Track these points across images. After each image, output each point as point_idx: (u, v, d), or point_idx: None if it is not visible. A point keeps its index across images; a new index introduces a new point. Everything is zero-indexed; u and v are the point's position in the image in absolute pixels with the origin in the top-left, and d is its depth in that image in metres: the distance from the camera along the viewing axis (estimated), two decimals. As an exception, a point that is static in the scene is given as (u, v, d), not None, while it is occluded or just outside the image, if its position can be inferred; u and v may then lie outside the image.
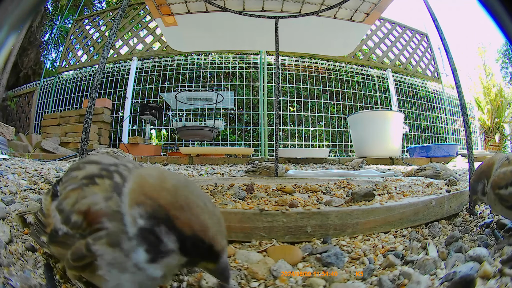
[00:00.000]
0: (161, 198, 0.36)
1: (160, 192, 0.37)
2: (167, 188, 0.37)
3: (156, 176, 0.39)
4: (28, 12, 0.33)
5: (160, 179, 0.39)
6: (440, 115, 7.00)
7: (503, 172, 0.68)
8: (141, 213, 0.36)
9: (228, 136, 6.09)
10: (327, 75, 6.29)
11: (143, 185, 0.38)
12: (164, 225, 0.35)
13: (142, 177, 0.40)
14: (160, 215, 0.35)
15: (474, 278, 0.51)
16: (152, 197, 0.36)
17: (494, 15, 0.35)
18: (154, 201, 0.36)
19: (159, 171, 0.41)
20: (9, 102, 7.29)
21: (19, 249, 0.63)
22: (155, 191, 0.37)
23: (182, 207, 0.36)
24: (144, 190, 0.37)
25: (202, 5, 2.09)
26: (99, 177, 0.41)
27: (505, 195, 0.66)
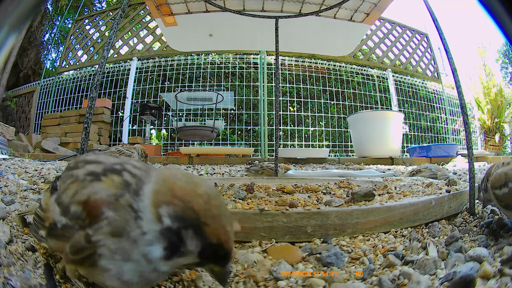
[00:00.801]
0: (194, 203, 0.37)
1: (194, 197, 0.38)
2: (201, 195, 0.38)
3: (186, 180, 0.40)
4: (28, 12, 0.33)
5: (193, 184, 0.40)
6: (440, 115, 7.00)
7: (498, 174, 0.73)
8: (169, 213, 0.37)
9: (228, 136, 6.09)
10: (327, 75, 6.29)
11: (173, 187, 0.39)
12: (192, 229, 0.37)
13: (169, 179, 0.40)
14: (190, 218, 0.37)
15: (474, 278, 0.51)
16: (185, 200, 0.37)
17: (494, 15, 0.35)
18: (187, 205, 0.37)
19: (187, 175, 0.42)
20: (9, 102, 7.29)
21: (19, 249, 0.63)
22: (188, 195, 0.38)
23: (214, 216, 0.37)
24: (175, 192, 0.38)
25: (202, 5, 2.09)
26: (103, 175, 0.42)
27: (499, 195, 0.71)
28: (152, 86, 5.98)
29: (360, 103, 6.27)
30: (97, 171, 0.43)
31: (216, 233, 0.37)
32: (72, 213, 0.39)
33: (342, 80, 6.31)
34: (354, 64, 6.42)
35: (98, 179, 0.41)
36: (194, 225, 0.37)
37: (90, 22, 6.68)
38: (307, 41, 2.62)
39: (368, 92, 6.41)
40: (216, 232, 0.37)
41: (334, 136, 6.11)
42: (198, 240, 0.37)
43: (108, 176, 0.42)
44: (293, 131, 6.16)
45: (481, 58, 9.92)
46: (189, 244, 0.37)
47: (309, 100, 6.11)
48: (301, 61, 6.19)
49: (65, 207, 0.40)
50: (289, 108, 6.22)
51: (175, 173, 0.42)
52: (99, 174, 0.42)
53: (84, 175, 0.43)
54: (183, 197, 0.38)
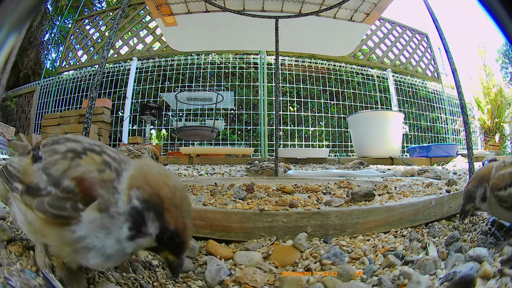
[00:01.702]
0: (161, 191, 0.42)
1: (162, 186, 0.43)
2: (169, 185, 0.43)
3: (159, 171, 0.45)
4: (28, 12, 0.33)
5: (164, 175, 0.45)
6: (440, 115, 7.00)
7: (501, 174, 0.69)
8: (138, 196, 0.42)
9: (228, 136, 6.09)
10: (327, 75, 6.29)
11: (147, 175, 0.44)
12: (154, 212, 0.42)
13: (146, 168, 0.46)
14: (154, 203, 0.42)
15: (474, 278, 0.51)
16: (154, 187, 0.42)
17: (494, 15, 0.35)
18: (154, 191, 0.42)
19: (162, 168, 0.47)
20: (9, 102, 7.28)
21: (19, 249, 0.63)
22: (157, 183, 0.43)
23: (176, 205, 0.42)
24: (147, 179, 0.43)
25: (202, 5, 2.09)
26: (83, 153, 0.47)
27: (504, 196, 0.67)
28: (152, 86, 5.98)
29: (360, 103, 6.27)
30: (78, 149, 0.48)
31: (175, 220, 0.42)
32: (64, 187, 0.43)
33: (342, 80, 6.31)
34: (354, 64, 6.42)
35: (79, 156, 0.46)
36: (157, 209, 0.41)
37: (90, 22, 6.67)
38: (307, 41, 2.62)
39: (368, 92, 6.41)
40: (175, 219, 0.42)
41: (334, 136, 6.11)
42: (158, 223, 0.42)
43: (88, 154, 0.47)
44: (293, 131, 6.16)
45: (481, 58, 9.92)
46: (149, 225, 0.42)
47: (309, 100, 6.11)
48: (301, 61, 6.19)
49: (56, 179, 0.44)
50: (289, 108, 6.21)
51: (151, 164, 0.47)
52: (80, 152, 0.47)
53: (66, 151, 0.48)
54: (153, 184, 0.43)
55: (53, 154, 0.48)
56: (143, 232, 0.42)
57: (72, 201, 0.42)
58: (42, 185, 0.45)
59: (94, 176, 0.43)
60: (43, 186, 0.45)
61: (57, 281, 0.49)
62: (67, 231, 0.42)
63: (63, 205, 0.42)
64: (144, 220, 0.42)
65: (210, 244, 0.68)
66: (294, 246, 0.66)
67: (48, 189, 0.44)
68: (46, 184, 0.45)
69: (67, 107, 6.29)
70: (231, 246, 0.71)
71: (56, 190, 0.44)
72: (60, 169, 0.45)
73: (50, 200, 0.43)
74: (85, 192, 0.42)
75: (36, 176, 0.47)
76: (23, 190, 0.48)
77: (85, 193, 0.42)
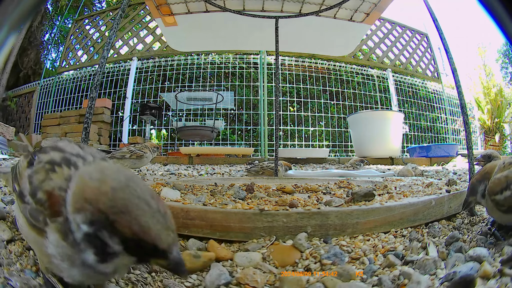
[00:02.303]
0: (100, 203, 0.36)
1: (98, 196, 0.37)
2: (105, 192, 0.37)
3: (96, 177, 0.39)
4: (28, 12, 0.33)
5: (100, 181, 0.39)
6: (440, 115, 7.00)
7: (497, 178, 0.70)
8: (83, 220, 0.37)
9: (228, 136, 6.09)
10: (327, 75, 6.29)
11: (84, 188, 0.39)
12: (105, 230, 0.36)
13: (83, 179, 0.40)
14: (100, 220, 0.36)
15: (474, 278, 0.51)
16: (92, 203, 0.37)
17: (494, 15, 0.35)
18: (94, 207, 0.36)
19: (100, 171, 0.41)
20: (9, 102, 7.29)
21: (19, 249, 0.63)
22: (94, 195, 0.37)
23: (120, 210, 0.36)
24: (85, 195, 0.38)
25: (202, 5, 2.09)
26: (58, 166, 0.44)
27: (500, 200, 0.68)
28: (152, 86, 5.98)
29: (360, 103, 6.27)
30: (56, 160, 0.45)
31: (128, 226, 0.35)
32: (37, 198, 0.42)
33: (342, 80, 6.31)
34: (354, 64, 6.42)
35: (53, 170, 0.44)
36: (105, 225, 0.36)
37: (90, 22, 6.67)
38: (307, 41, 2.62)
39: (368, 92, 6.41)
40: (127, 226, 0.35)
41: (334, 136, 6.11)
42: (116, 237, 0.36)
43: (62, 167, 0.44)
44: (293, 131, 6.16)
45: (481, 58, 9.93)
46: (111, 245, 0.36)
47: (309, 100, 6.11)
48: (301, 61, 6.19)
49: (33, 189, 0.44)
50: (289, 108, 6.22)
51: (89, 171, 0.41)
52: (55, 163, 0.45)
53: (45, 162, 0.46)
54: (91, 199, 0.37)
55: (38, 162, 0.48)
56: (111, 252, 0.37)
57: (43, 214, 0.41)
58: (25, 192, 0.45)
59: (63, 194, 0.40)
60: (25, 193, 0.45)
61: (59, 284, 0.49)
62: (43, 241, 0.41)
63: (38, 217, 0.42)
64: (103, 242, 0.37)
65: (211, 244, 0.68)
66: (294, 246, 0.66)
67: (27, 198, 0.44)
68: (27, 192, 0.45)
69: (67, 107, 6.29)
70: (230, 246, 0.71)
71: (32, 200, 0.43)
72: (38, 180, 0.44)
73: (30, 209, 0.43)
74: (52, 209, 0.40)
75: (24, 182, 0.47)
76: (18, 193, 0.48)
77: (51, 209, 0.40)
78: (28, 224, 0.44)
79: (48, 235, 0.40)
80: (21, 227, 0.48)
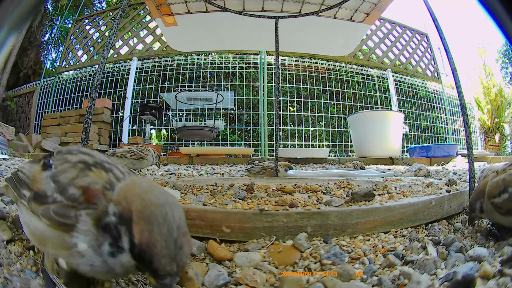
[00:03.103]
0: (133, 204, 0.41)
1: (136, 200, 0.41)
2: (142, 199, 0.42)
3: (144, 187, 0.44)
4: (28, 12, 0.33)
5: (146, 191, 0.43)
6: (440, 115, 7.00)
7: (495, 182, 0.73)
8: (115, 211, 0.42)
9: (228, 136, 6.09)
10: (327, 75, 6.29)
11: (128, 190, 0.44)
12: (124, 225, 0.41)
13: (131, 185, 0.45)
14: (126, 216, 0.41)
15: (474, 278, 0.51)
16: (128, 201, 0.42)
17: (494, 15, 0.35)
18: (127, 204, 0.41)
19: (150, 185, 0.45)
20: (9, 102, 7.29)
21: (19, 249, 0.63)
22: (133, 198, 0.42)
23: (144, 218, 0.39)
24: (126, 195, 0.43)
25: (202, 5, 2.08)
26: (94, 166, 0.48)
27: (499, 202, 0.71)
28: (152, 86, 5.98)
29: (360, 103, 6.27)
30: (89, 162, 0.49)
31: (139, 233, 0.38)
32: (70, 194, 0.44)
33: (342, 80, 6.31)
34: (354, 64, 6.42)
35: (89, 168, 0.47)
36: (127, 222, 0.40)
37: (90, 22, 6.68)
38: (307, 41, 2.61)
39: (368, 92, 6.41)
40: (139, 232, 0.38)
41: (334, 136, 6.11)
42: (127, 236, 0.40)
43: (98, 169, 0.47)
44: (293, 131, 6.16)
45: (481, 58, 9.93)
46: (123, 240, 0.41)
47: (309, 100, 6.11)
48: (301, 61, 6.20)
49: (63, 186, 0.45)
50: (289, 108, 6.22)
51: (139, 181, 0.46)
52: (91, 164, 0.48)
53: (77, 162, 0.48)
54: (128, 199, 0.42)
55: (64, 163, 0.49)
56: (121, 246, 0.41)
57: (76, 209, 0.43)
58: (49, 193, 0.46)
59: (98, 187, 0.44)
60: (50, 193, 0.46)
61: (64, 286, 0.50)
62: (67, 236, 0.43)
63: (68, 213, 0.43)
64: (119, 234, 0.41)
65: (210, 244, 0.68)
66: (294, 246, 0.66)
67: (54, 196, 0.45)
68: (53, 192, 0.46)
69: (67, 107, 6.29)
70: (230, 246, 0.71)
71: (61, 197, 0.45)
72: (68, 177, 0.46)
73: (56, 208, 0.44)
74: (88, 201, 0.43)
75: (44, 184, 0.48)
76: (30, 197, 0.48)
77: (87, 202, 0.43)
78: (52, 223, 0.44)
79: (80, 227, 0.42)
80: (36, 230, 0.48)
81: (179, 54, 6.17)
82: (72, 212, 0.43)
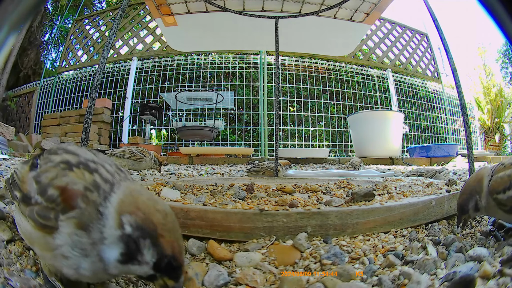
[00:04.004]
0: (154, 216, 0.42)
1: (154, 211, 0.42)
2: (159, 210, 0.43)
3: (148, 196, 0.45)
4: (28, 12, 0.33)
5: (152, 200, 0.45)
6: (440, 115, 7.00)
7: (500, 177, 0.68)
8: (131, 221, 0.41)
9: (228, 136, 6.09)
10: (327, 75, 6.29)
11: (136, 199, 0.44)
12: (149, 238, 0.41)
13: (134, 193, 0.45)
14: (149, 229, 0.41)
15: (474, 278, 0.51)
16: (145, 213, 0.42)
17: (494, 15, 0.35)
18: (147, 217, 0.42)
19: (149, 192, 0.47)
20: (9, 102, 7.29)
21: (19, 249, 0.63)
22: (148, 209, 0.43)
23: (169, 230, 0.42)
24: (138, 205, 0.43)
25: (202, 5, 2.09)
26: (76, 167, 0.46)
27: (503, 199, 0.66)
28: (152, 86, 5.98)
29: (360, 103, 6.27)
30: (72, 162, 0.47)
31: (171, 245, 0.41)
32: (48, 195, 0.43)
33: (342, 80, 6.32)
34: (354, 64, 6.42)
35: (70, 169, 0.46)
36: (151, 235, 0.41)
37: (90, 22, 6.68)
38: (307, 41, 2.61)
39: (368, 92, 6.41)
40: (171, 244, 0.41)
41: (334, 136, 6.11)
42: (154, 250, 0.41)
43: (81, 169, 0.46)
44: (293, 131, 6.16)
45: (481, 58, 9.92)
46: (145, 254, 0.41)
47: (309, 100, 6.11)
48: (301, 61, 6.20)
49: (43, 187, 0.44)
50: (289, 108, 6.22)
51: (139, 189, 0.47)
52: (72, 165, 0.47)
53: (59, 162, 0.47)
54: (144, 210, 0.42)
55: (47, 162, 0.48)
56: (139, 260, 0.41)
57: (55, 211, 0.42)
58: (32, 194, 0.46)
59: (77, 188, 0.43)
60: (32, 194, 0.46)
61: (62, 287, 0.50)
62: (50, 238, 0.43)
63: (48, 215, 0.42)
64: (139, 248, 0.41)
65: (210, 244, 0.68)
66: (294, 246, 0.66)
67: (35, 198, 0.45)
68: (35, 193, 0.45)
69: (67, 107, 6.29)
70: (230, 246, 0.71)
71: (41, 199, 0.44)
72: (48, 178, 0.45)
73: (38, 209, 0.44)
74: (66, 203, 0.42)
75: (29, 184, 0.47)
76: (20, 198, 0.48)
77: (65, 204, 0.42)
78: (36, 225, 0.44)
79: (61, 229, 0.41)
80: (25, 231, 0.48)
81: (179, 54, 6.17)
82: (52, 214, 0.42)
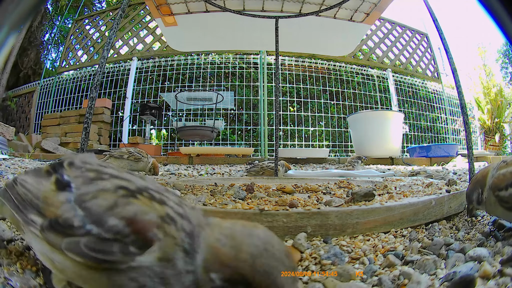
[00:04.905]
0: (240, 269, 0.37)
1: (239, 263, 0.38)
2: (245, 260, 0.38)
3: (230, 244, 0.39)
4: (28, 12, 0.33)
5: (235, 248, 0.39)
6: (440, 115, 7.00)
7: (502, 174, 0.67)
8: (219, 277, 0.37)
9: (228, 136, 6.09)
10: (327, 75, 6.29)
11: (218, 255, 0.39)
12: (242, 286, 0.37)
13: (214, 246, 0.40)
14: (238, 280, 0.37)
15: (474, 278, 0.51)
16: (232, 267, 0.37)
17: (494, 15, 0.35)
18: (234, 271, 0.37)
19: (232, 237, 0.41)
20: (9, 102, 7.29)
21: (19, 249, 0.63)
22: (233, 262, 0.38)
23: (261, 274, 0.37)
24: (221, 260, 0.38)
25: (202, 5, 2.09)
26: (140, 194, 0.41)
27: (505, 196, 0.65)
28: (152, 86, 5.98)
29: (360, 103, 6.27)
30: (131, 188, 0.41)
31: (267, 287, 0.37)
32: (110, 226, 0.37)
33: (342, 80, 6.32)
34: (354, 64, 6.42)
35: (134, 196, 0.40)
36: (244, 284, 0.37)
37: (90, 22, 6.68)
38: (307, 41, 2.61)
39: (368, 92, 6.41)
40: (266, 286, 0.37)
41: (334, 136, 6.11)
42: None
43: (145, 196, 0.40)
44: (293, 131, 6.16)
45: (481, 58, 9.92)
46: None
47: (309, 100, 6.11)
48: (301, 61, 6.20)
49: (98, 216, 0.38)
50: (289, 108, 6.22)
51: (219, 238, 0.41)
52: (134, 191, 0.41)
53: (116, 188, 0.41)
54: (230, 264, 0.38)
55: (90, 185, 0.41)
56: None
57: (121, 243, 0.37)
58: (77, 223, 0.38)
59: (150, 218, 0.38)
60: (77, 223, 0.38)
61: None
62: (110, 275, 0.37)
63: (109, 249, 0.36)
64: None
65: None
66: (294, 246, 0.66)
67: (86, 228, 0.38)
68: (82, 222, 0.38)
69: (67, 107, 6.29)
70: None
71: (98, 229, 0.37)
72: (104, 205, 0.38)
73: (90, 242, 0.37)
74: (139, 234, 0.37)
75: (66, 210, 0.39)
76: (45, 225, 0.40)
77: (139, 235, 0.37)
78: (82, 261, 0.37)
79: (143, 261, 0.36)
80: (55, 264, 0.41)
81: (179, 54, 6.17)
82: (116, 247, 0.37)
